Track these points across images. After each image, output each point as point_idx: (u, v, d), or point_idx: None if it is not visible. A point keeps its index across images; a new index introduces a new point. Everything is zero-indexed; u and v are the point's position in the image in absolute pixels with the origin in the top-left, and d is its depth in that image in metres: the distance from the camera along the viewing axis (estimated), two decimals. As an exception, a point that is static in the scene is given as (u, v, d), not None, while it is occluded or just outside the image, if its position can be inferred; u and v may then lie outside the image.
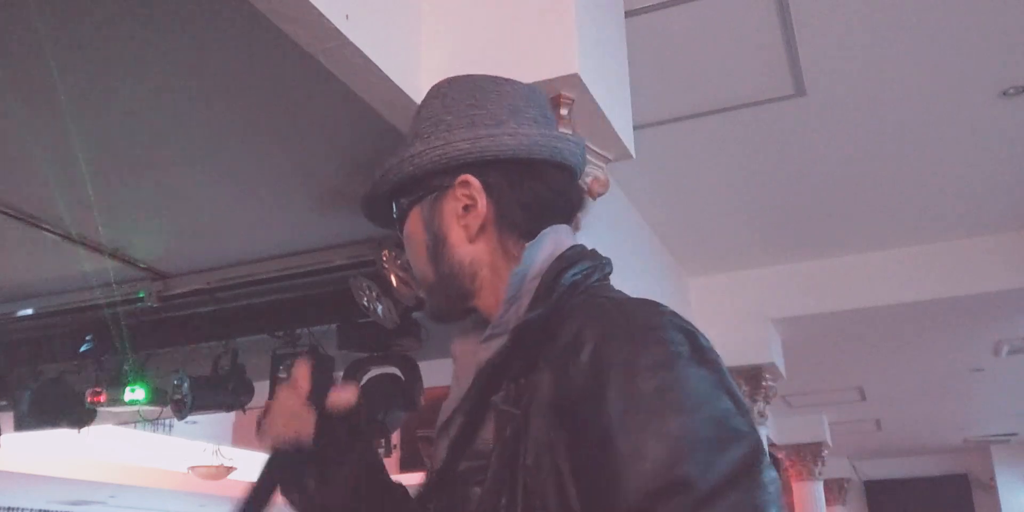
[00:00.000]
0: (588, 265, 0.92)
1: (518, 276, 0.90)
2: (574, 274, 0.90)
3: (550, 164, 0.98)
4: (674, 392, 0.71)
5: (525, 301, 0.89)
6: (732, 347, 4.94)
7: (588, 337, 0.77)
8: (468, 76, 1.09)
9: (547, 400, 0.78)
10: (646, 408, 0.70)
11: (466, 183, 0.96)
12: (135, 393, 4.54)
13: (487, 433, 0.84)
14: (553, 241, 0.94)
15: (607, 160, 2.27)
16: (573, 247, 0.94)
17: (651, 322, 0.79)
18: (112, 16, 2.35)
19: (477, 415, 0.86)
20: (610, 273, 0.96)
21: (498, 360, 0.85)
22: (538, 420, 0.78)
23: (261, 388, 4.54)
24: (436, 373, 3.79)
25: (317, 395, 1.07)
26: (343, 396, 1.07)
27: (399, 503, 1.06)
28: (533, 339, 0.83)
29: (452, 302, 0.99)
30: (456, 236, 0.97)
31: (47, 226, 3.70)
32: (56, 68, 2.50)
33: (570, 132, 2.08)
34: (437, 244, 0.98)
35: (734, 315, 4.97)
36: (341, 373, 4.24)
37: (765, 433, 5.22)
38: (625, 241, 4.00)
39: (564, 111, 2.03)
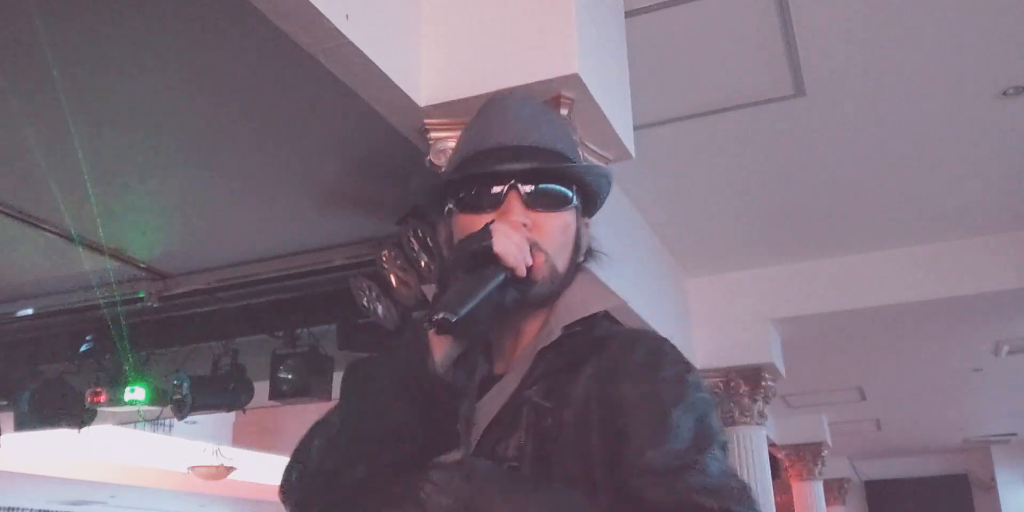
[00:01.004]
0: None
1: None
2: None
3: None
4: (706, 409, 0.99)
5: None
6: (732, 347, 4.95)
7: (639, 349, 1.03)
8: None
9: (584, 394, 0.99)
10: (690, 410, 0.96)
11: (587, 225, 1.18)
12: (135, 393, 4.54)
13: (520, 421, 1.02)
14: None
15: (607, 160, 2.27)
16: None
17: (682, 355, 1.04)
18: (112, 16, 2.35)
19: (512, 405, 1.03)
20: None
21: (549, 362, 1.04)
22: (570, 411, 0.99)
23: (261, 388, 4.54)
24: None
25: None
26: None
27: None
28: (575, 349, 1.04)
29: (548, 299, 1.09)
30: (579, 253, 1.14)
31: (47, 226, 3.70)
32: (56, 68, 2.50)
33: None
34: (578, 249, 1.14)
35: (734, 315, 4.96)
36: (341, 374, 4.24)
37: (765, 433, 5.22)
38: (625, 241, 4.00)
39: (564, 111, 2.03)
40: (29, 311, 4.65)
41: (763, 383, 4.99)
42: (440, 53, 2.17)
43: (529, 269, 1.03)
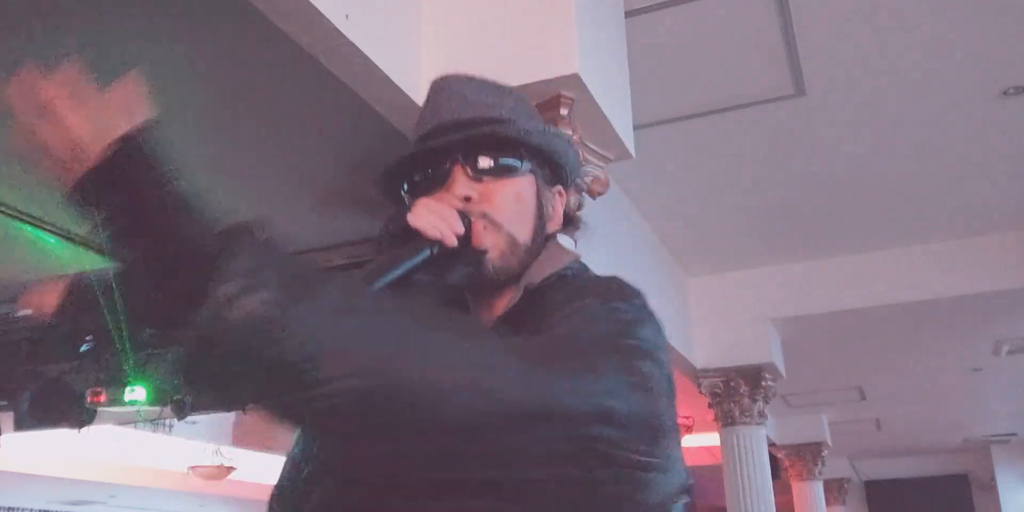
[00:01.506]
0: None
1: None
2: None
3: None
4: (633, 316, 0.92)
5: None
6: (732, 347, 4.95)
7: (587, 282, 1.02)
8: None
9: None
10: (615, 316, 0.91)
11: (561, 194, 1.13)
12: (135, 393, 4.54)
13: None
14: None
15: (607, 160, 2.27)
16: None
17: (630, 287, 0.99)
18: (112, 17, 2.35)
19: None
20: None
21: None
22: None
23: (261, 388, 4.54)
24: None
25: None
26: None
27: None
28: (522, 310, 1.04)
29: (518, 271, 1.06)
30: (550, 222, 1.11)
31: (47, 226, 3.70)
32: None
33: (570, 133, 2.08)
34: (543, 218, 1.09)
35: (734, 315, 4.97)
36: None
37: (765, 433, 5.22)
38: (625, 241, 4.00)
39: (564, 111, 2.03)
40: (29, 311, 4.65)
41: (763, 383, 5.00)
42: (440, 53, 2.17)
43: (467, 238, 0.98)
